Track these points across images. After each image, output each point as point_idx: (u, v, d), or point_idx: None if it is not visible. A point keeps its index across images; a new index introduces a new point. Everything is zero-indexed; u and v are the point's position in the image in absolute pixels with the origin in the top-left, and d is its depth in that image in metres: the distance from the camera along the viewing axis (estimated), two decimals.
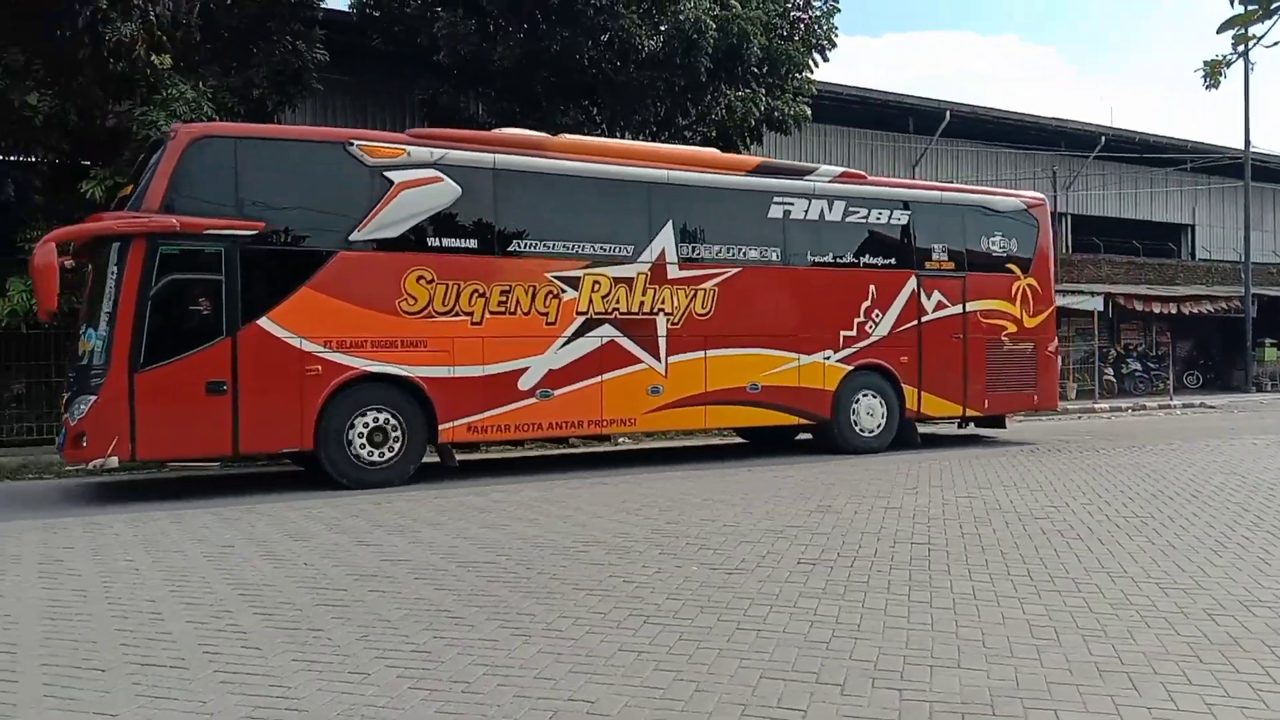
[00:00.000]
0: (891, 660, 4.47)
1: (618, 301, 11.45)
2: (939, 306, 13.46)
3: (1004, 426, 15.08)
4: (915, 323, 13.29)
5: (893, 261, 13.23)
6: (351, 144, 10.24)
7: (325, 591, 5.89)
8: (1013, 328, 13.99)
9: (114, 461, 9.59)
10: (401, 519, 8.43)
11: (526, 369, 10.98)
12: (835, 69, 77.57)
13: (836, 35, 18.05)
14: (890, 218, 13.22)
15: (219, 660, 4.64)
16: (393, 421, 10.39)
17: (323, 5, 16.33)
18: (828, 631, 4.91)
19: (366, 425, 10.30)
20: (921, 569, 6.22)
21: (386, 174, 10.29)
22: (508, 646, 4.74)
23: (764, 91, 17.50)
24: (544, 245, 11.11)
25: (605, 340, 11.38)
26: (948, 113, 26.90)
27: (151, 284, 9.46)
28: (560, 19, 15.98)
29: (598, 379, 11.35)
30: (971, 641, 4.73)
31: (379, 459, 10.42)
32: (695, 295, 11.87)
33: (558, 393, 11.11)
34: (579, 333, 11.23)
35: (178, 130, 10.06)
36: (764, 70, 17.37)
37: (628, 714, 3.90)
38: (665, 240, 11.76)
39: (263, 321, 9.91)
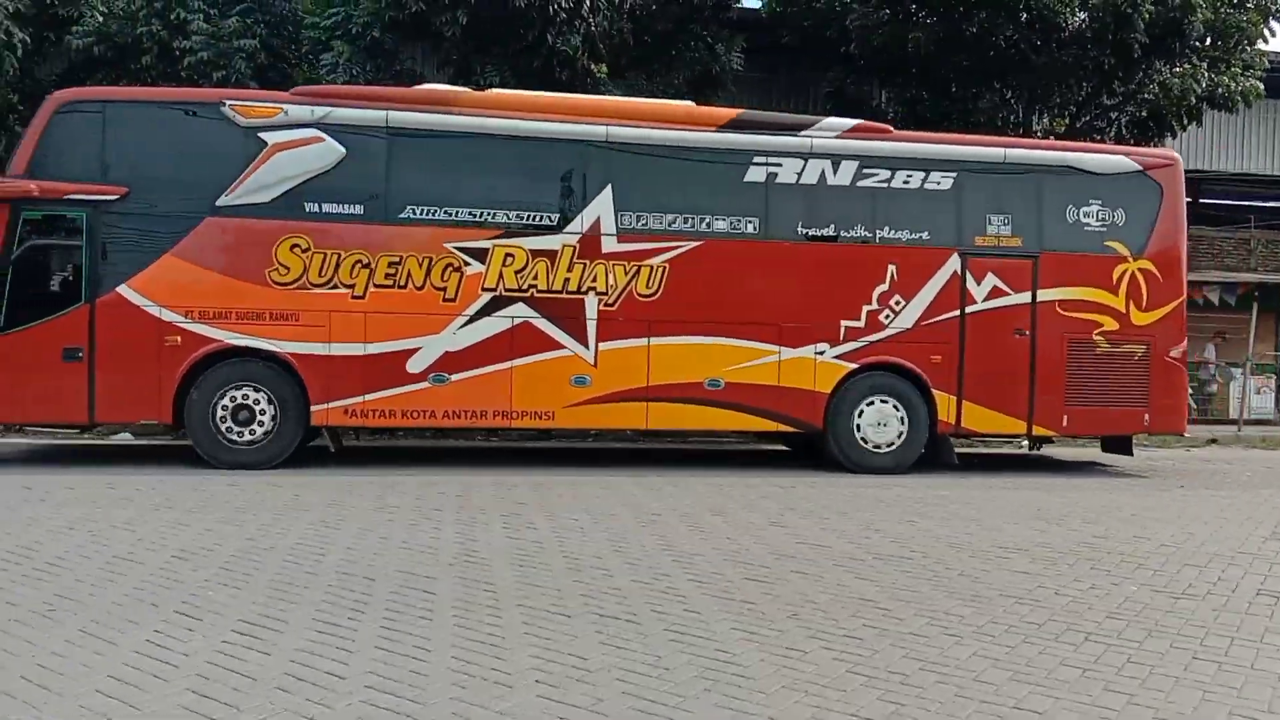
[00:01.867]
0: None
1: (535, 277, 9.87)
2: (994, 294, 10.65)
3: (1129, 453, 11.76)
4: (956, 313, 10.56)
5: (924, 236, 10.58)
6: (224, 104, 9.53)
7: (750, 567, 6.20)
8: (1113, 324, 10.82)
9: None
10: (811, 505, 8.61)
11: (418, 349, 9.71)
12: None
13: None
14: (924, 181, 10.58)
15: (666, 619, 5.00)
16: (260, 400, 9.59)
17: (737, 6, 17.13)
18: None
19: (232, 401, 9.47)
20: None
21: (261, 135, 9.45)
22: (939, 645, 4.76)
23: (1205, 66, 16.17)
24: (444, 212, 9.75)
25: (518, 321, 9.84)
26: None
27: (13, 249, 9.34)
28: (978, 0, 15.51)
29: (507, 364, 9.85)
30: None
31: (245, 439, 9.66)
32: (638, 272, 10.06)
33: (455, 378, 9.82)
34: (484, 311, 9.75)
35: (52, 95, 9.86)
36: (1207, 43, 16.18)
37: None
38: (602, 208, 10.09)
39: (122, 289, 9.46)
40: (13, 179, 9.30)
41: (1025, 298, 10.63)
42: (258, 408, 9.54)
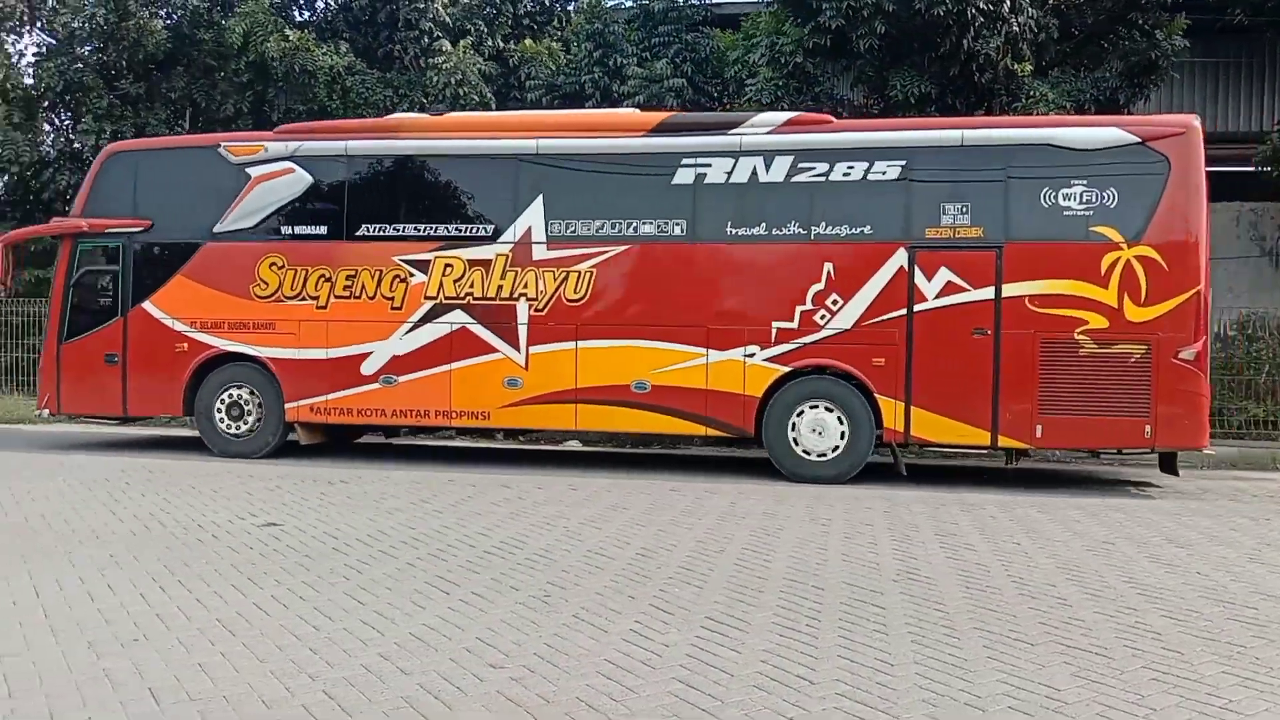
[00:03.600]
0: None
1: (472, 286, 10.64)
2: (948, 290, 9.79)
3: (1175, 472, 10.17)
4: (902, 312, 9.86)
5: (866, 230, 9.99)
6: (220, 146, 11.38)
7: (1232, 606, 5.83)
8: (1100, 321, 9.51)
9: (46, 413, 12.32)
10: None
11: (370, 354, 10.85)
12: None
13: None
14: (868, 172, 9.99)
15: (1141, 656, 4.84)
16: (247, 397, 11.19)
17: None
18: None
19: (225, 399, 11.24)
20: None
21: (247, 170, 11.14)
22: None
23: None
24: (393, 229, 10.88)
25: (456, 327, 10.67)
26: None
27: (73, 273, 11.53)
28: None
29: (446, 368, 10.71)
30: None
31: (236, 431, 11.40)
32: (566, 278, 10.47)
33: (402, 379, 10.80)
34: (426, 318, 10.72)
35: (104, 149, 12.33)
36: None
37: None
38: (533, 218, 10.61)
39: (145, 304, 11.50)
40: (72, 218, 11.76)
41: (987, 293, 9.70)
42: (245, 405, 11.17)
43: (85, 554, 6.54)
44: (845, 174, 10.03)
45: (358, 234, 10.99)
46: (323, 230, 11.08)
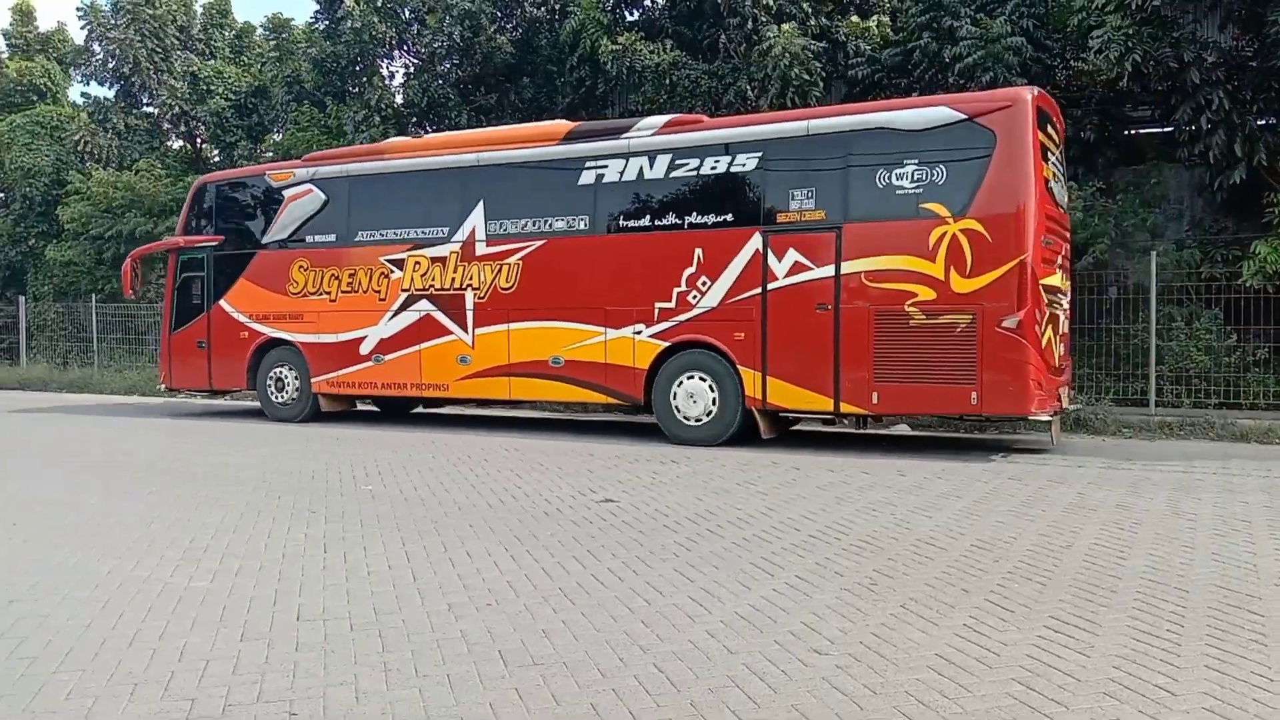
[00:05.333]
0: None
1: (434, 279, 12.96)
2: (795, 269, 10.77)
3: (1051, 442, 10.52)
4: (758, 291, 10.94)
5: (728, 218, 11.18)
6: (266, 174, 14.41)
7: None
8: (929, 294, 10.16)
9: (162, 388, 15.94)
10: None
11: (365, 337, 13.49)
12: None
13: None
14: (730, 165, 11.17)
15: None
16: (287, 374, 14.17)
17: None
18: None
19: (274, 375, 14.37)
20: None
21: (283, 191, 14.09)
22: None
23: None
24: (379, 234, 13.39)
25: (423, 314, 13.04)
26: None
27: (177, 279, 14.97)
28: None
29: (417, 347, 13.12)
30: None
31: (282, 401, 14.56)
32: (500, 270, 12.48)
33: (387, 358, 13.34)
34: (402, 307, 13.21)
35: (196, 181, 15.81)
36: None
37: None
38: (476, 220, 12.70)
39: (221, 302, 14.51)
40: (175, 236, 15.27)
41: (828, 271, 10.63)
42: (285, 380, 14.18)
43: (450, 524, 7.29)
44: (713, 167, 11.33)
45: (356, 239, 13.63)
46: (333, 237, 13.81)
